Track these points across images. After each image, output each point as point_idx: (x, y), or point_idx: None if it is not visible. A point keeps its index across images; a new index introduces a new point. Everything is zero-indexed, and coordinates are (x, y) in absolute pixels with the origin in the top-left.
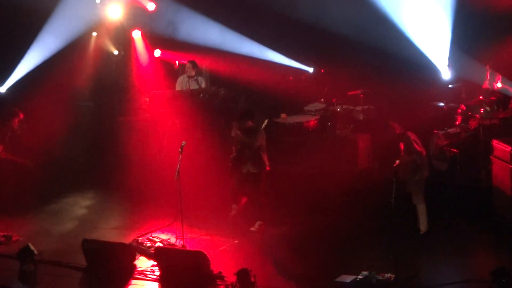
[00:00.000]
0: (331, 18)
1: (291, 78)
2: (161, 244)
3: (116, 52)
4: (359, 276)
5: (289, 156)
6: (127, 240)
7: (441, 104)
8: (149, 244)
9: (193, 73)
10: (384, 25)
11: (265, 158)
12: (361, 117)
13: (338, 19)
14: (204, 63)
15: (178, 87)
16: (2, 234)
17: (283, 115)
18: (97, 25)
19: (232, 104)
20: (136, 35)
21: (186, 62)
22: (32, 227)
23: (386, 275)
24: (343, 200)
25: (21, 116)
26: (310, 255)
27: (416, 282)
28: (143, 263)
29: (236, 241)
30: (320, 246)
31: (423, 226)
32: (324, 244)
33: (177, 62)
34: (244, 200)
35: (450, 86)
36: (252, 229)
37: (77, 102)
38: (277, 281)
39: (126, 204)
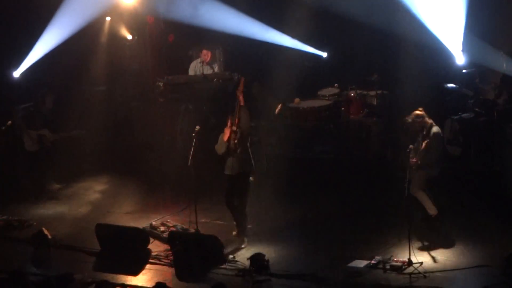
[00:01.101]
0: (345, 2)
1: (305, 63)
2: (174, 229)
3: (129, 37)
4: (373, 261)
5: (302, 141)
6: (141, 224)
7: (455, 89)
8: (162, 228)
9: (208, 59)
10: (398, 10)
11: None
12: (374, 102)
13: (352, 3)
14: (218, 48)
15: (191, 72)
16: (15, 219)
17: (296, 100)
18: (111, 9)
19: (245, 89)
20: (150, 20)
21: (200, 47)
22: (45, 211)
23: (399, 260)
24: (356, 185)
25: (51, 93)
26: (323, 240)
27: (430, 267)
28: (157, 247)
29: (249, 226)
30: (334, 231)
31: (431, 210)
32: (338, 229)
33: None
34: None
35: (464, 71)
36: (242, 246)
37: (90, 87)
38: (290, 266)
39: (140, 189)
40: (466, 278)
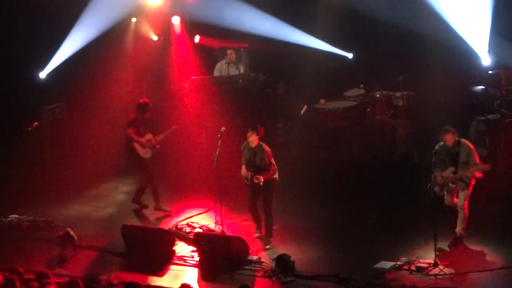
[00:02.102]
0: (371, 3)
1: (330, 63)
2: (200, 230)
3: (155, 38)
4: (399, 263)
5: (328, 142)
6: (166, 225)
7: (481, 90)
8: (188, 229)
9: (233, 59)
10: (424, 11)
11: (271, 171)
12: (400, 103)
13: (378, 4)
14: (244, 49)
15: (216, 73)
16: (42, 219)
17: (322, 101)
18: (137, 10)
19: (270, 90)
20: (176, 21)
21: (226, 47)
22: (71, 212)
23: (425, 261)
24: (381, 186)
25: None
26: (349, 241)
27: (455, 268)
28: (182, 248)
29: (275, 227)
30: (359, 232)
31: (462, 230)
32: (363, 230)
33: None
34: (263, 218)
35: (490, 72)
36: (256, 235)
37: (116, 87)
38: (315, 267)
39: (166, 189)
40: (492, 280)
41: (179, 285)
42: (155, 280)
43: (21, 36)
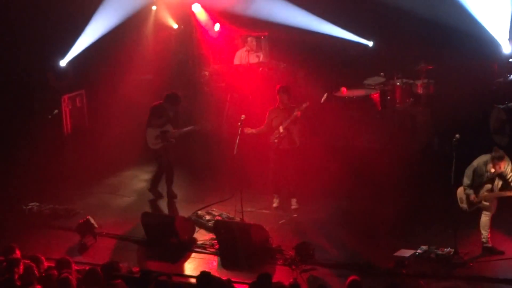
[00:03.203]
0: None
1: (350, 51)
2: (220, 218)
3: (175, 26)
4: (418, 251)
5: (348, 130)
6: (186, 213)
7: (502, 78)
8: (208, 217)
9: (253, 47)
10: None
11: (297, 135)
12: (420, 91)
13: None
14: (264, 37)
15: (236, 61)
16: (62, 207)
17: (342, 89)
18: None
19: (291, 78)
20: (196, 8)
21: (246, 35)
22: (92, 200)
23: (445, 249)
24: (402, 174)
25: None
26: (369, 230)
27: (475, 256)
28: (202, 236)
29: (295, 215)
30: (379, 220)
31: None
32: (383, 219)
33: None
34: (285, 189)
35: (511, 60)
36: (292, 207)
37: (137, 76)
38: (335, 255)
39: (185, 177)
40: None
41: (199, 273)
42: (175, 268)
43: (41, 25)
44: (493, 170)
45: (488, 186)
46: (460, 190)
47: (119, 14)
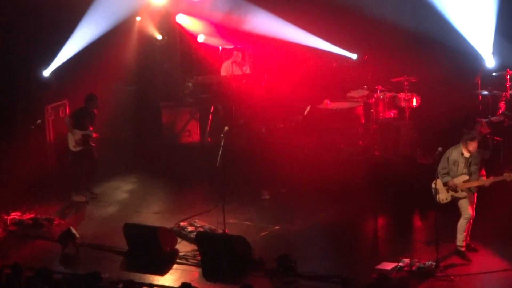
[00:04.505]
0: (375, 4)
1: (334, 64)
2: (202, 229)
3: (159, 37)
4: (400, 264)
5: (331, 142)
6: (169, 224)
7: (485, 92)
8: (190, 229)
9: (239, 59)
10: (428, 12)
11: None
12: (403, 104)
13: (383, 5)
14: (249, 50)
15: (223, 72)
16: (44, 217)
17: (326, 101)
18: (141, 9)
19: (275, 90)
20: (180, 19)
21: (231, 47)
22: (73, 210)
23: (427, 262)
24: (384, 187)
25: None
26: (351, 242)
27: (457, 270)
28: (184, 247)
29: (277, 227)
30: (361, 233)
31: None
32: (365, 231)
33: (220, 48)
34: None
35: (494, 74)
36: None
37: (120, 86)
38: (317, 267)
39: (168, 189)
40: (494, 282)
41: (180, 284)
42: (157, 279)
43: (25, 35)
44: (467, 154)
45: (465, 177)
46: (437, 182)
47: (103, 24)
